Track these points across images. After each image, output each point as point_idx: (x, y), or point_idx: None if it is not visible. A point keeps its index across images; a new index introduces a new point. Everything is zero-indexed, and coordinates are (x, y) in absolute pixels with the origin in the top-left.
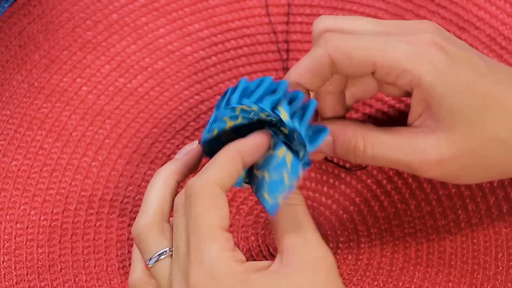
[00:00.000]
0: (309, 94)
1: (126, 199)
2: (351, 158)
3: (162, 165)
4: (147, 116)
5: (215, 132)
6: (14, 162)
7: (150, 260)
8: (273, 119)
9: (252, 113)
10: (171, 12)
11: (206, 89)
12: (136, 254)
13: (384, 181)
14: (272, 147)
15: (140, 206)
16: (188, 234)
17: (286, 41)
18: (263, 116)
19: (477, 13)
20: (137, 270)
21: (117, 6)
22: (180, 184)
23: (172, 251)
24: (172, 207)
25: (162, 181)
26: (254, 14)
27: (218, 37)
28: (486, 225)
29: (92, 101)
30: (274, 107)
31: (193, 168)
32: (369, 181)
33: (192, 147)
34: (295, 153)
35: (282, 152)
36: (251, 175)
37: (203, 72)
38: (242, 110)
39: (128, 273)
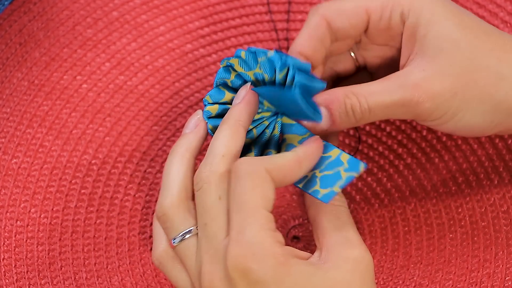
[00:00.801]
0: (314, 68)
1: (126, 197)
2: (351, 119)
3: (162, 163)
4: (148, 113)
5: (216, 107)
6: (15, 160)
7: (175, 239)
8: (263, 71)
9: (252, 73)
10: (171, 9)
11: (206, 86)
12: (159, 230)
13: (385, 179)
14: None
15: (139, 204)
16: (229, 211)
17: (287, 39)
18: (258, 71)
19: (477, 11)
20: (161, 245)
21: (117, 3)
22: (197, 158)
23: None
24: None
25: (180, 158)
26: (254, 11)
27: (218, 35)
28: (486, 223)
29: (93, 99)
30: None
31: (204, 138)
32: (369, 179)
33: (198, 117)
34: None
35: (336, 153)
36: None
37: (204, 69)
38: (237, 75)
39: (128, 270)
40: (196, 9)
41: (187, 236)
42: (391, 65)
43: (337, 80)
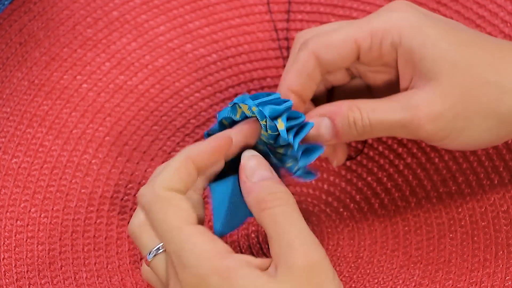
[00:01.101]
0: (304, 104)
1: (126, 197)
2: (353, 132)
3: (162, 162)
4: (148, 113)
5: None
6: (15, 160)
7: (149, 255)
8: (269, 131)
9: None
10: (171, 9)
11: (206, 86)
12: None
13: (385, 179)
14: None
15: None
16: (163, 242)
17: (287, 39)
18: (261, 123)
19: (477, 11)
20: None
21: (117, 3)
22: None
23: None
24: None
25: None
26: (254, 11)
27: (218, 35)
28: (486, 222)
29: (93, 99)
30: (273, 118)
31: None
32: (369, 178)
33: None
34: (289, 169)
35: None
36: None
37: (204, 69)
38: (243, 114)
39: (128, 270)
40: (196, 8)
41: (160, 250)
42: (389, 82)
43: (331, 88)
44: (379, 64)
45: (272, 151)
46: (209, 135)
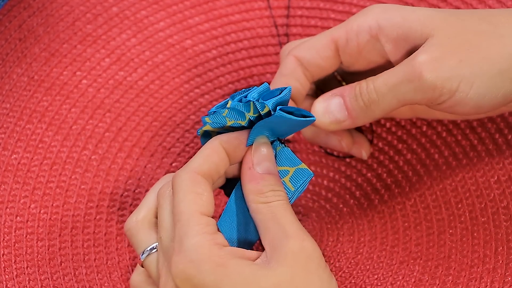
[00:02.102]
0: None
1: (126, 193)
2: (360, 103)
3: (162, 158)
4: (147, 109)
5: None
6: (14, 156)
7: (142, 254)
8: (236, 120)
9: (220, 124)
10: (171, 5)
11: (206, 82)
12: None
13: (385, 175)
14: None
15: (139, 199)
16: (173, 223)
17: (286, 35)
18: (229, 122)
19: (477, 7)
20: (138, 269)
21: None
22: None
23: None
24: None
25: (162, 182)
26: (254, 7)
27: (218, 31)
28: (486, 218)
29: (92, 95)
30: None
31: None
32: (369, 174)
33: None
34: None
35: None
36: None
37: (203, 65)
38: (230, 113)
39: (128, 266)
40: (196, 4)
41: (154, 251)
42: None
43: None
44: (363, 62)
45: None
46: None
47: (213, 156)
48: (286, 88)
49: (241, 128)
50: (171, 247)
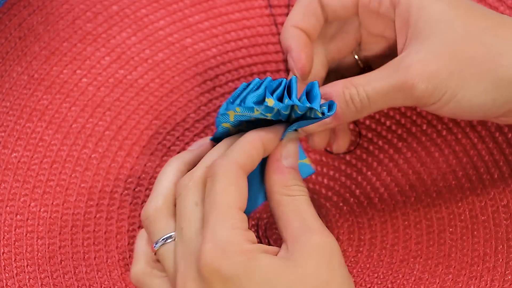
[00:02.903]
0: (311, 41)
1: (126, 191)
2: (351, 109)
3: (162, 157)
4: (147, 107)
5: (226, 125)
6: (14, 154)
7: (156, 243)
8: (264, 113)
9: (247, 115)
10: (171, 3)
11: (206, 80)
12: (138, 247)
13: (384, 173)
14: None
15: (139, 198)
16: (205, 213)
17: None
18: (257, 112)
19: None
20: (139, 263)
21: None
22: None
23: None
24: None
25: (174, 168)
26: (254, 5)
27: (218, 29)
28: (486, 217)
29: (92, 93)
30: (260, 101)
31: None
32: (369, 173)
33: (206, 142)
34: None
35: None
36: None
37: (203, 63)
38: (236, 117)
39: (128, 264)
40: (196, 3)
41: (169, 240)
42: (387, 53)
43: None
44: (378, 27)
45: None
46: (215, 139)
47: (252, 151)
48: (291, 79)
49: (264, 121)
50: (196, 239)
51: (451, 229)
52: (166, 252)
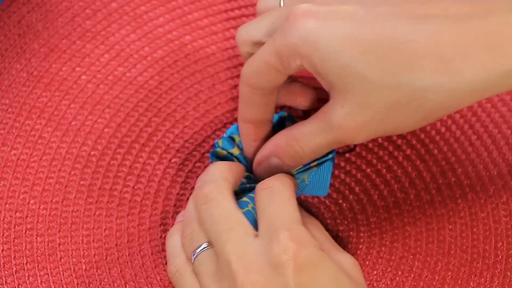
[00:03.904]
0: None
1: (125, 188)
2: (300, 160)
3: (161, 154)
4: (147, 105)
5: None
6: (14, 151)
7: (194, 253)
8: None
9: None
10: (170, 1)
11: (205, 78)
12: (174, 242)
13: (384, 170)
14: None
15: (138, 195)
16: (260, 219)
17: None
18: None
19: None
20: (180, 256)
21: None
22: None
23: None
24: None
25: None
26: (253, 2)
27: (217, 26)
28: (485, 214)
29: (92, 90)
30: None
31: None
32: (368, 170)
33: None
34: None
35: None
36: None
37: (203, 61)
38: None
39: (127, 262)
40: (195, 0)
41: (206, 248)
42: None
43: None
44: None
45: None
46: (214, 156)
47: (232, 168)
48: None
49: None
50: (249, 237)
51: (450, 226)
52: (205, 258)
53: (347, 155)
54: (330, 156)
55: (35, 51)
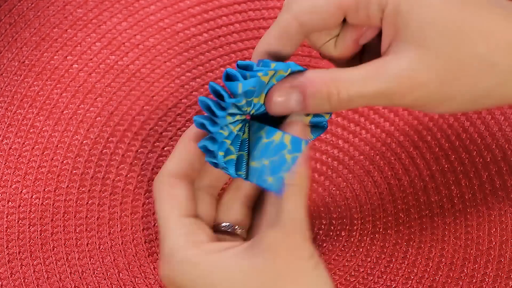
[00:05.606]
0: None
1: (118, 177)
2: (326, 107)
3: (154, 142)
4: (139, 93)
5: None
6: (5, 141)
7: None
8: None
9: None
10: None
11: (198, 66)
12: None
13: (377, 157)
14: (265, 135)
15: (131, 184)
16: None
17: None
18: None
19: None
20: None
21: None
22: None
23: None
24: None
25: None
26: None
27: (209, 14)
28: (479, 200)
29: (83, 79)
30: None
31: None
32: (361, 157)
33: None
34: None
35: (278, 136)
36: (248, 168)
37: (195, 49)
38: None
39: (120, 250)
40: None
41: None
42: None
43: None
44: (367, 25)
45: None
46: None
47: (185, 155)
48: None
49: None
50: None
51: (444, 213)
52: None
53: (340, 142)
54: (324, 121)
55: (26, 40)
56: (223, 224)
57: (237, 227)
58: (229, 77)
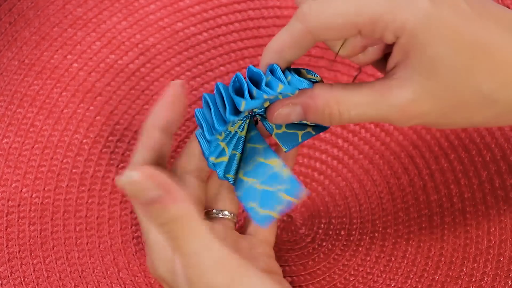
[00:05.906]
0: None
1: (117, 176)
2: (326, 123)
3: None
4: (139, 92)
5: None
6: (5, 140)
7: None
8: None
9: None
10: None
11: (197, 65)
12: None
13: (377, 156)
14: (263, 154)
15: None
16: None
17: (278, 17)
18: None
19: None
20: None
21: None
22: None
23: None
24: None
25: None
26: None
27: (209, 13)
28: (478, 199)
29: (83, 78)
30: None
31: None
32: (361, 156)
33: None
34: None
35: (278, 165)
36: (237, 177)
37: (195, 48)
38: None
39: (120, 249)
40: None
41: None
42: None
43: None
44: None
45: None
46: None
47: (146, 142)
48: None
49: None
50: None
51: (443, 212)
52: None
53: (339, 141)
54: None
55: (27, 39)
56: (214, 211)
57: (226, 212)
58: (250, 74)
